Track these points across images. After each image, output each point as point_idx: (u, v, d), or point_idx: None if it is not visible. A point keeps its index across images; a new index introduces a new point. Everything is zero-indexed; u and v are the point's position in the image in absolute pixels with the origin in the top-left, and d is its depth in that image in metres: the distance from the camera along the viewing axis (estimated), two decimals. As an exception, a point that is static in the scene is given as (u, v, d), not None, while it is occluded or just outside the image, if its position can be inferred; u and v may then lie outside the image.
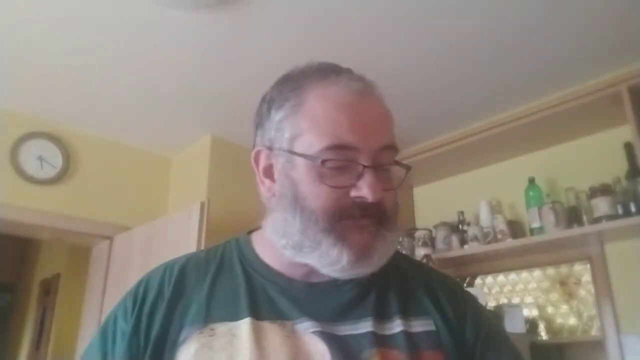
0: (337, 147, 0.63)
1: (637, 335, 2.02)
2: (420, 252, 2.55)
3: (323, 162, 0.63)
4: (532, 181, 2.33)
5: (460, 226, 2.59)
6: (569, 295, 2.28)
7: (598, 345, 2.12)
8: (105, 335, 0.68)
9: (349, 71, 0.70)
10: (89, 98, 2.50)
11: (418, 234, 2.65)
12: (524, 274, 2.45)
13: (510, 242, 2.30)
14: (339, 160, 0.63)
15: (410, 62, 2.18)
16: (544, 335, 2.32)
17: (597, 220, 2.04)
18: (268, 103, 0.70)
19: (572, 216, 2.17)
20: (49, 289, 4.13)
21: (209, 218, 2.29)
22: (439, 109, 2.53)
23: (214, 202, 2.48)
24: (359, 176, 0.63)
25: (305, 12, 1.88)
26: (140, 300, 0.68)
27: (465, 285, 2.55)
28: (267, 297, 0.68)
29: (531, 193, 2.31)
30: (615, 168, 2.12)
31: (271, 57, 2.12)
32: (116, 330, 0.67)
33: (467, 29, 1.98)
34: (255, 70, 2.20)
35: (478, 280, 2.59)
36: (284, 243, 0.66)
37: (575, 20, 1.92)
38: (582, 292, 2.25)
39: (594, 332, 2.17)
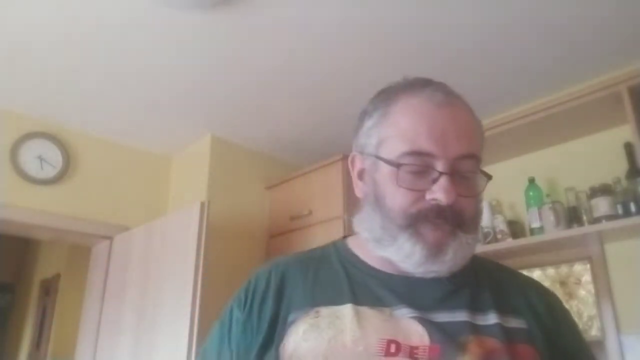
0: (415, 153, 0.69)
1: (637, 335, 2.02)
2: (420, 252, 2.54)
3: (399, 166, 0.70)
4: (532, 181, 2.33)
5: (460, 226, 2.58)
6: (569, 295, 2.28)
7: (598, 345, 2.11)
8: (223, 323, 0.79)
9: (437, 83, 0.76)
10: (88, 98, 2.50)
11: (418, 234, 2.65)
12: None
13: (510, 242, 2.29)
14: (414, 165, 0.70)
15: (409, 62, 2.18)
16: (544, 335, 2.32)
17: (597, 220, 2.04)
18: (362, 114, 0.79)
19: (572, 216, 2.16)
20: (49, 289, 4.13)
21: (208, 218, 2.29)
22: (439, 109, 2.53)
23: (213, 202, 2.49)
24: (434, 181, 0.69)
25: (304, 13, 1.88)
26: (251, 292, 0.78)
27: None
28: (366, 287, 0.74)
29: (531, 193, 2.30)
30: (615, 168, 2.11)
31: (271, 56, 2.12)
32: (232, 319, 0.78)
33: (467, 29, 1.98)
34: (255, 70, 2.20)
35: (478, 280, 2.59)
36: (368, 236, 0.75)
37: (575, 20, 1.92)
38: (582, 292, 2.24)
39: (594, 332, 2.16)
